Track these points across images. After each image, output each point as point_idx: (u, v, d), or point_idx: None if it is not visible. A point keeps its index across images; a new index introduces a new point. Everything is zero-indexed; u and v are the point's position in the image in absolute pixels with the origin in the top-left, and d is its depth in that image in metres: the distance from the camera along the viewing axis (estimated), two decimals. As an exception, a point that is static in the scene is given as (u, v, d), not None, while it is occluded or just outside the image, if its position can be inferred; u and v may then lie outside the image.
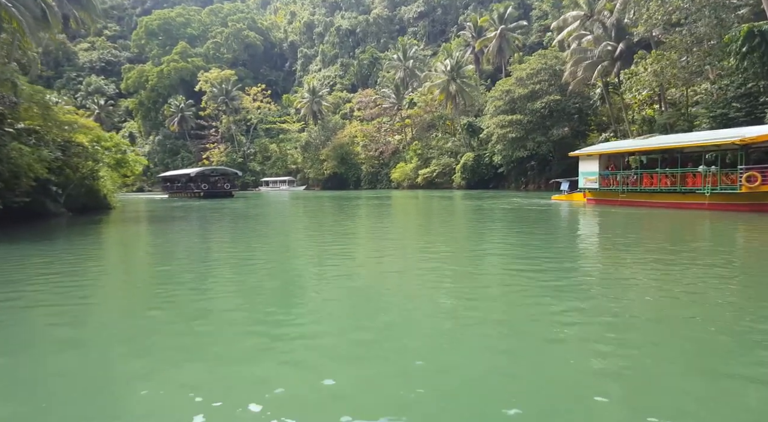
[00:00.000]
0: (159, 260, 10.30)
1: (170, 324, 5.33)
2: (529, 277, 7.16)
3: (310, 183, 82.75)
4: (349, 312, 5.69)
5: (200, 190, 51.84)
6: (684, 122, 31.60)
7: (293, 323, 5.27)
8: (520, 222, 16.35)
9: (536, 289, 6.42)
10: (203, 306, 6.00)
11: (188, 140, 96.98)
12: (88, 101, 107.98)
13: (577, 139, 43.52)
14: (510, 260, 8.81)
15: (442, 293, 6.39)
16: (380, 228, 16.12)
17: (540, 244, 10.81)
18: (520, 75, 43.33)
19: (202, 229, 17.02)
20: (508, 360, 4.02)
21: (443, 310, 5.53)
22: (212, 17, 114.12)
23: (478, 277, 7.50)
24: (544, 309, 5.45)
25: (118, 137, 29.64)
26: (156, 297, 6.76)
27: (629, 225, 15.03)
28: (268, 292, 6.70)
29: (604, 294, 6.08)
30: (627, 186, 20.79)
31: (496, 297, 6.18)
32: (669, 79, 29.37)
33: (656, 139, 20.63)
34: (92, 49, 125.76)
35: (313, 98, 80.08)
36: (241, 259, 9.77)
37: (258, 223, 18.69)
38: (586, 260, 9.03)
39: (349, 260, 9.46)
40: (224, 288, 7.11)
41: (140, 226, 18.93)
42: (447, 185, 58.08)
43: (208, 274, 8.18)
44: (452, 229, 15.27)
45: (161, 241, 13.78)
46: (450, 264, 8.55)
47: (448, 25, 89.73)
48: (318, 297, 6.38)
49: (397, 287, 6.92)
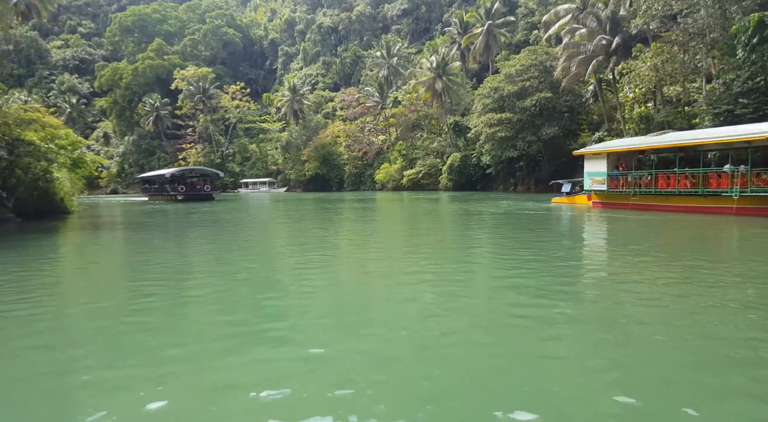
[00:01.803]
0: (96, 283, 7.92)
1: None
2: (536, 316, 5.03)
3: (291, 184, 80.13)
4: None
5: (176, 193, 47.42)
6: (683, 120, 30.09)
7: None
8: (519, 231, 14.24)
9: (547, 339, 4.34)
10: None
11: (164, 140, 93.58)
12: (60, 100, 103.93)
13: (568, 138, 41.93)
14: (511, 291, 6.65)
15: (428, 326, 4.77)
16: (362, 244, 13.90)
17: (547, 265, 8.67)
18: (509, 71, 41.54)
19: (164, 240, 14.56)
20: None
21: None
22: (190, 14, 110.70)
23: (474, 317, 5.33)
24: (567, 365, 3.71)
25: (74, 134, 26.81)
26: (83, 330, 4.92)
27: (650, 235, 13.02)
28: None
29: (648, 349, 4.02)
30: (639, 188, 18.85)
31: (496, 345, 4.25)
32: (670, 74, 27.73)
33: (672, 135, 18.65)
34: (66, 46, 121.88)
35: (294, 96, 77.49)
36: (209, 286, 7.45)
37: (232, 234, 16.28)
38: (613, 290, 6.91)
39: (336, 288, 7.22)
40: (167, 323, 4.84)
41: (96, 235, 16.37)
42: (433, 186, 56.14)
43: (142, 310, 5.88)
44: (441, 243, 13.11)
45: (107, 257, 11.34)
46: (440, 296, 6.38)
47: (432, 22, 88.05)
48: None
49: (384, 322, 4.95)
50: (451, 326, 4.89)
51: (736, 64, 24.70)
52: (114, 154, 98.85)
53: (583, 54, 34.32)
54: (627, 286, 6.55)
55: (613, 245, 11.36)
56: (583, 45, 34.77)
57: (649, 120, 31.89)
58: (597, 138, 37.18)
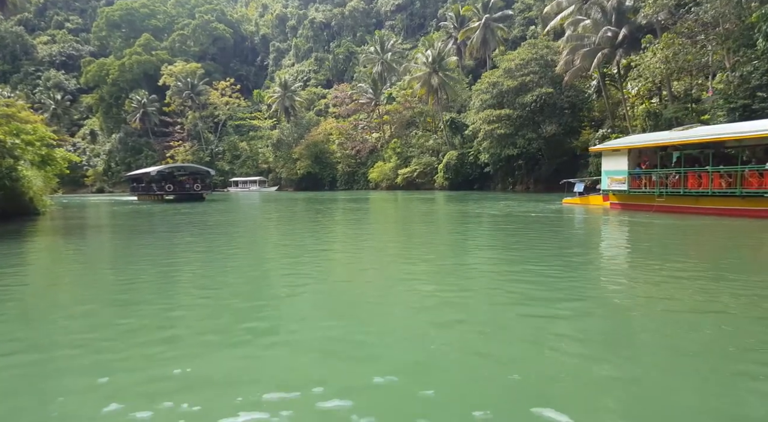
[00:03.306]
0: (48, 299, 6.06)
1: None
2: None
3: (283, 183, 78.07)
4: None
5: (163, 192, 44.49)
6: (693, 117, 28.54)
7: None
8: (535, 241, 12.46)
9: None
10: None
11: (152, 138, 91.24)
12: (44, 96, 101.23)
13: (569, 136, 40.31)
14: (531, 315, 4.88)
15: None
16: (354, 254, 12.13)
17: (575, 287, 6.90)
18: (509, 66, 39.80)
19: (129, 250, 12.69)
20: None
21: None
22: (178, 8, 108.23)
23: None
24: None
25: (44, 129, 24.73)
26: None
27: (689, 244, 11.31)
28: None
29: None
30: (666, 187, 16.92)
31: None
32: (682, 66, 26.08)
33: (701, 129, 16.86)
34: (52, 42, 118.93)
35: (285, 93, 75.37)
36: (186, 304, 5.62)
37: (213, 244, 14.40)
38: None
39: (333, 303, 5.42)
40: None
41: (54, 242, 14.42)
42: (428, 186, 54.35)
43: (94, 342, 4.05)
44: (442, 257, 11.34)
45: (50, 273, 9.45)
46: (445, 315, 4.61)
47: (427, 18, 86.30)
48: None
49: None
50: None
51: (753, 56, 23.14)
52: (101, 152, 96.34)
53: (587, 46, 32.64)
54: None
55: (652, 256, 9.60)
56: (588, 37, 33.09)
57: (657, 116, 30.29)
58: (601, 135, 35.57)
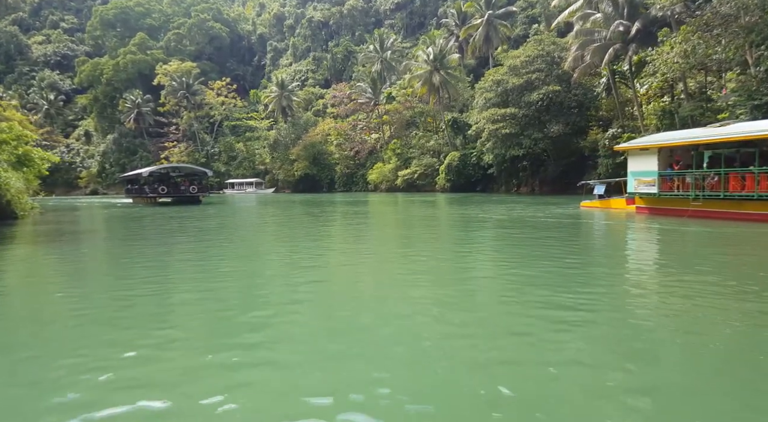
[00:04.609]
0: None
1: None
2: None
3: (280, 185, 76.37)
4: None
5: (156, 195, 41.79)
6: (711, 115, 26.96)
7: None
8: (549, 247, 10.81)
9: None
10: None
11: (147, 139, 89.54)
12: (37, 96, 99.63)
13: (577, 136, 38.70)
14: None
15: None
16: (353, 273, 10.47)
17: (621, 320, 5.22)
18: (514, 63, 38.19)
19: (113, 261, 11.00)
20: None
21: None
22: (174, 7, 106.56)
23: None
24: None
25: (19, 128, 23.04)
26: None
27: (734, 255, 9.66)
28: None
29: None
30: (703, 190, 15.13)
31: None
32: (701, 61, 24.48)
33: (741, 126, 15.19)
34: (47, 42, 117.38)
35: (283, 92, 73.69)
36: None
37: (203, 257, 12.71)
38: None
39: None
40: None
41: (36, 250, 12.70)
42: (429, 187, 52.71)
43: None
44: (447, 269, 9.67)
45: (24, 285, 7.75)
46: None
47: (427, 17, 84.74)
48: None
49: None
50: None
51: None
52: (95, 153, 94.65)
53: (597, 41, 31.04)
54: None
55: (700, 271, 7.92)
56: (598, 32, 31.51)
57: (673, 115, 28.70)
58: (610, 135, 33.98)
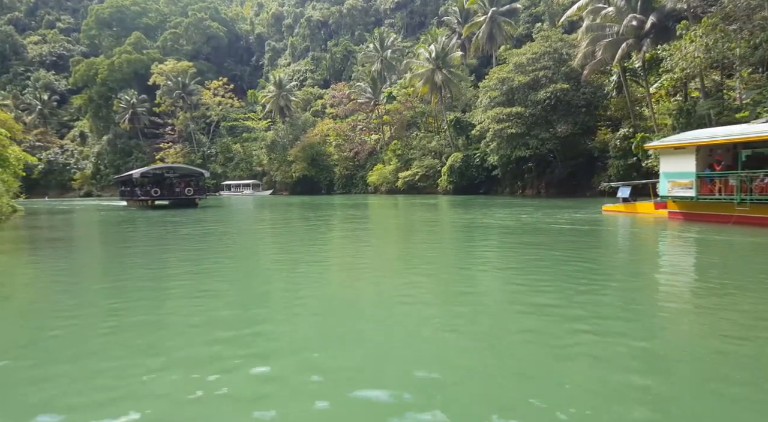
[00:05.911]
0: None
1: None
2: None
3: (277, 187, 74.74)
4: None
5: (149, 197, 39.33)
6: (730, 113, 25.47)
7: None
8: (577, 268, 9.23)
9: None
10: None
11: (142, 139, 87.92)
12: (31, 97, 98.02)
13: (585, 136, 37.19)
14: None
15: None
16: (352, 289, 8.92)
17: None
18: (520, 60, 36.69)
19: (87, 276, 9.42)
20: None
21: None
22: (171, 6, 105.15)
23: None
24: None
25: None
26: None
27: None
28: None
29: None
30: (750, 194, 13.44)
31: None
32: (724, 55, 22.99)
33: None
34: (43, 42, 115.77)
35: (280, 92, 72.11)
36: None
37: (196, 274, 11.11)
38: None
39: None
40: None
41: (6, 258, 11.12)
42: (431, 189, 51.16)
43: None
44: (455, 290, 8.12)
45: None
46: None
47: (427, 16, 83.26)
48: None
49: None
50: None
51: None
52: (89, 155, 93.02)
53: (609, 37, 29.55)
54: None
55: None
56: (609, 27, 30.02)
57: (689, 113, 27.18)
58: (622, 135, 32.50)
